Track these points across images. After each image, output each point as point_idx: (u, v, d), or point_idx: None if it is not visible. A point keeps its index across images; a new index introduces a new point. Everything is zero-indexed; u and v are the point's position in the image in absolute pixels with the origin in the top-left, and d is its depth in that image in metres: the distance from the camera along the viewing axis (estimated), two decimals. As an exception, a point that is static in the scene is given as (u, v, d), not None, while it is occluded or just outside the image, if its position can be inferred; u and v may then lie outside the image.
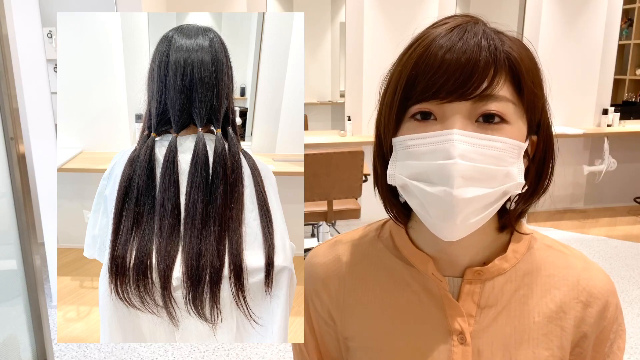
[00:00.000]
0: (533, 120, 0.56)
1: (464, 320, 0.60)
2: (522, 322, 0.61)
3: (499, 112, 0.52)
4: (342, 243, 0.70)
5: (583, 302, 0.62)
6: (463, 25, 0.53)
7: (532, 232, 0.65)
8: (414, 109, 0.54)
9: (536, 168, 0.59)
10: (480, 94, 0.51)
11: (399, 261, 0.64)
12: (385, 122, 0.57)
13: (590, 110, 4.61)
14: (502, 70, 0.52)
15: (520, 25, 4.27)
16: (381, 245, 0.67)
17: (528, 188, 0.58)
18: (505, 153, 0.52)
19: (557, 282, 0.62)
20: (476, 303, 0.61)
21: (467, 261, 0.61)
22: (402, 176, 0.55)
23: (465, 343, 0.60)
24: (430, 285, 0.62)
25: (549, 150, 0.59)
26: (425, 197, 0.52)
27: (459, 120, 0.51)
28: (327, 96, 4.54)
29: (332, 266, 0.68)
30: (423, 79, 0.52)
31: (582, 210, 4.81)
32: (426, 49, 0.52)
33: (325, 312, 0.68)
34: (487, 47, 0.51)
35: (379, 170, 0.61)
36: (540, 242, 0.65)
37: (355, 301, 0.66)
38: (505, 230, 0.63)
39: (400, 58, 0.56)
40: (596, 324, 0.62)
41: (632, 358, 2.47)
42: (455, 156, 0.50)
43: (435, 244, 0.61)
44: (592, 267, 0.64)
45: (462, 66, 0.50)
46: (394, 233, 0.66)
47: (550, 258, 0.64)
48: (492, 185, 0.52)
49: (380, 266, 0.66)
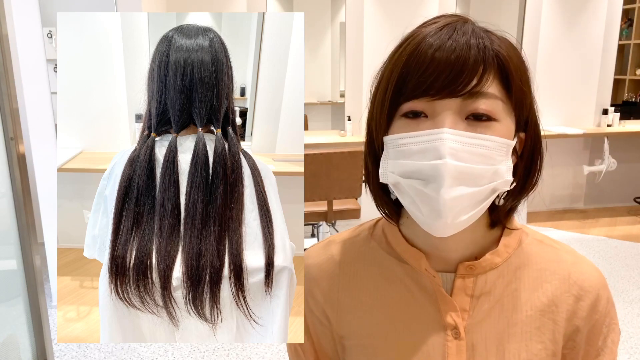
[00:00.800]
0: (521, 117, 0.57)
1: (458, 315, 0.61)
2: (515, 316, 0.62)
3: (488, 110, 0.53)
4: (335, 243, 0.71)
5: (575, 296, 0.63)
6: (452, 24, 0.54)
7: (522, 227, 0.67)
8: (405, 107, 0.55)
9: (524, 165, 0.60)
10: (470, 91, 0.52)
11: (392, 258, 0.65)
12: (376, 120, 0.58)
13: (590, 110, 4.61)
14: (491, 68, 0.53)
15: (520, 26, 4.27)
16: (374, 243, 0.68)
17: (517, 185, 0.60)
18: (493, 151, 0.53)
19: (548, 275, 0.63)
20: (469, 297, 0.62)
21: (459, 256, 0.62)
22: (394, 174, 0.56)
23: (460, 337, 0.61)
24: (424, 281, 0.63)
25: (537, 147, 0.60)
26: (417, 195, 0.54)
27: (449, 117, 0.53)
28: (327, 96, 4.54)
29: (326, 266, 0.69)
30: (414, 76, 0.53)
31: (582, 210, 4.81)
32: (416, 47, 0.53)
33: (320, 311, 0.68)
34: (477, 45, 0.52)
35: (370, 167, 0.62)
36: (532, 237, 0.66)
37: (349, 300, 0.66)
38: (497, 226, 0.64)
39: (391, 56, 0.57)
40: (588, 317, 0.63)
41: (632, 358, 2.47)
42: (445, 155, 0.51)
43: (427, 240, 0.62)
44: (582, 261, 0.65)
45: (452, 64, 0.51)
46: (386, 231, 0.67)
47: (541, 252, 0.65)
48: (481, 184, 0.53)
49: (374, 264, 0.66)
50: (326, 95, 4.53)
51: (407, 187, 0.54)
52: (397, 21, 4.08)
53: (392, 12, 4.10)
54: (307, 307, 0.70)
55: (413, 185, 0.54)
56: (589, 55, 4.47)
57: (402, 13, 4.10)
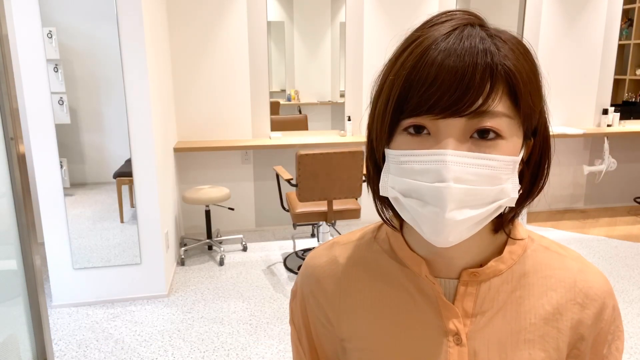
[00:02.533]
0: (529, 128, 0.55)
1: (460, 321, 0.60)
2: (519, 323, 0.61)
3: (494, 127, 0.50)
4: (339, 245, 0.70)
5: (580, 304, 0.61)
6: (460, 28, 0.51)
7: (528, 233, 0.65)
8: (406, 123, 0.52)
9: (531, 171, 0.58)
10: (476, 111, 0.49)
11: (395, 263, 0.64)
12: (377, 132, 0.56)
13: (590, 110, 4.61)
14: (499, 84, 0.50)
15: (520, 25, 4.27)
16: (377, 247, 0.67)
17: (522, 192, 0.58)
18: (500, 171, 0.51)
19: (553, 283, 0.62)
20: (472, 304, 0.61)
21: (463, 263, 0.61)
22: (395, 190, 0.54)
23: (461, 344, 0.60)
24: (425, 287, 0.62)
25: (545, 153, 0.58)
26: (418, 215, 0.52)
27: (453, 137, 0.50)
28: (327, 96, 4.53)
29: (329, 268, 0.68)
30: (416, 93, 0.50)
31: (582, 210, 4.81)
32: (420, 58, 0.50)
33: (322, 313, 0.68)
34: (484, 60, 0.49)
35: (372, 172, 0.61)
36: (537, 244, 0.65)
37: (351, 302, 0.66)
38: (501, 232, 0.62)
39: (393, 63, 0.54)
40: (593, 325, 0.62)
41: (632, 358, 2.47)
42: (448, 179, 0.49)
43: (429, 247, 0.60)
44: (589, 268, 0.64)
45: (457, 81, 0.48)
46: (390, 235, 0.66)
47: (547, 260, 0.63)
48: (485, 204, 0.52)
49: (377, 268, 0.66)
50: (326, 95, 4.53)
51: (408, 206, 0.53)
52: (397, 21, 4.08)
53: (392, 12, 4.10)
54: (308, 307, 0.69)
55: (413, 206, 0.52)
56: (589, 55, 4.47)
57: (402, 13, 4.10)
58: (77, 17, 2.68)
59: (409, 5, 4.10)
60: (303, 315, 0.70)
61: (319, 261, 0.69)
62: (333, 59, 4.44)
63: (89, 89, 2.79)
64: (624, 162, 4.79)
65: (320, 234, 3.48)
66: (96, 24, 2.70)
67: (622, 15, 4.51)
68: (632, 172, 4.88)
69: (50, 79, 2.68)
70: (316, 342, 0.70)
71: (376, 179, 0.58)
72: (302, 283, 0.70)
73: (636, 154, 4.84)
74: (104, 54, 2.75)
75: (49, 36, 2.61)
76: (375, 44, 4.14)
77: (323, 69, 4.48)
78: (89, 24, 2.70)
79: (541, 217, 4.58)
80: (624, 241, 3.99)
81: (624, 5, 4.44)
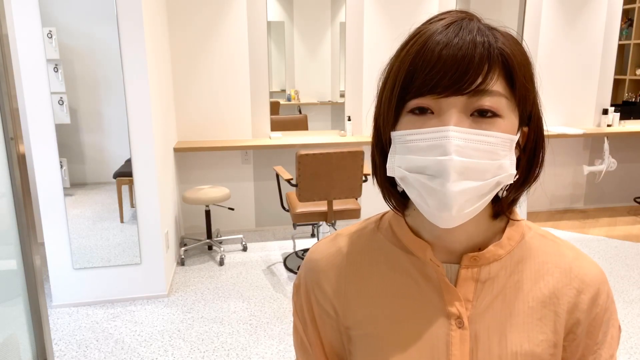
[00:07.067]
0: (524, 112, 0.59)
1: (462, 304, 0.63)
2: (517, 307, 0.63)
3: (492, 107, 0.55)
4: (342, 236, 0.73)
5: (576, 289, 0.64)
6: (458, 21, 0.56)
7: (526, 223, 0.68)
8: (411, 104, 0.56)
9: (527, 158, 0.62)
10: (475, 89, 0.54)
11: (398, 249, 0.67)
12: (384, 116, 0.60)
13: (590, 110, 4.61)
14: (495, 66, 0.55)
15: (520, 25, 4.27)
16: (380, 235, 0.70)
17: (519, 177, 0.62)
18: (498, 147, 0.55)
19: (550, 268, 0.65)
20: (473, 288, 0.63)
21: (464, 248, 0.64)
22: (402, 169, 0.58)
23: (463, 327, 0.62)
24: (429, 271, 0.65)
25: (539, 141, 0.62)
26: (424, 188, 0.56)
27: (455, 114, 0.54)
28: (327, 96, 4.53)
29: (333, 258, 0.70)
30: (421, 74, 0.55)
31: (582, 210, 4.81)
32: (423, 45, 0.55)
33: (328, 303, 0.70)
34: (482, 43, 0.54)
35: (378, 161, 0.64)
36: (534, 232, 0.68)
37: (356, 290, 0.68)
38: (500, 218, 0.66)
39: (398, 53, 0.59)
40: (589, 310, 0.64)
41: (632, 358, 2.46)
42: (451, 152, 0.53)
43: (432, 231, 0.64)
44: (583, 257, 0.67)
45: (457, 62, 0.53)
46: (392, 223, 0.69)
47: (543, 246, 0.67)
48: (485, 178, 0.55)
49: (380, 255, 0.68)
50: (326, 95, 4.53)
51: (414, 181, 0.56)
52: (397, 21, 4.08)
53: (392, 12, 4.10)
54: (314, 298, 0.71)
55: (420, 180, 0.56)
56: (589, 55, 4.47)
57: (402, 13, 4.10)
58: (77, 17, 2.68)
59: (408, 5, 4.11)
60: (308, 308, 0.72)
61: (324, 253, 0.72)
62: (333, 59, 4.44)
63: (89, 89, 2.79)
64: (624, 162, 4.79)
65: (320, 234, 3.48)
66: (96, 24, 2.71)
67: (622, 15, 4.51)
68: (632, 172, 4.89)
69: (50, 79, 2.68)
70: (322, 334, 0.72)
71: (383, 168, 0.62)
72: (306, 276, 0.72)
73: (636, 154, 4.84)
74: (104, 54, 2.75)
75: (49, 36, 2.61)
76: (375, 44, 4.14)
77: (323, 69, 4.48)
78: (89, 24, 2.70)
79: (541, 217, 4.58)
80: (624, 241, 3.99)
81: (624, 5, 4.44)
